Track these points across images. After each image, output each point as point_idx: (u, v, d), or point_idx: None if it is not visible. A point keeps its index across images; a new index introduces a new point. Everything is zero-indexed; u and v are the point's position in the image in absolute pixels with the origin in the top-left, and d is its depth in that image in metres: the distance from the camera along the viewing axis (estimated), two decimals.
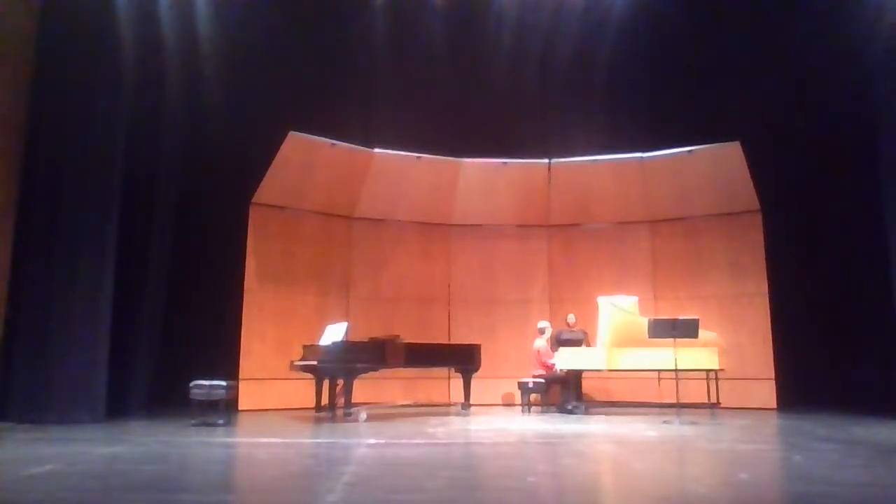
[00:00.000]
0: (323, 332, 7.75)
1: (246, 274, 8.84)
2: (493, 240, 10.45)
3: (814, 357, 8.59)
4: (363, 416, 7.18)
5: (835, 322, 8.57)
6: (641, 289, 9.50)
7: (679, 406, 7.15)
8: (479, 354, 8.45)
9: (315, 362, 7.38)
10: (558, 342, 8.97)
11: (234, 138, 8.32)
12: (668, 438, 5.80)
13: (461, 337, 9.64)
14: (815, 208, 9.00)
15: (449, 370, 9.31)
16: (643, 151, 9.66)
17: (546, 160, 10.04)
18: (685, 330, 7.07)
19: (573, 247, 10.37)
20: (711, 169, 9.32)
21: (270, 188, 9.06)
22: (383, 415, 7.89)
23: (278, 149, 8.77)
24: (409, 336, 7.97)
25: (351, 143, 9.41)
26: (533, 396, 8.67)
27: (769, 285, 9.09)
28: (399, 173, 9.84)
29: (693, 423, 6.87)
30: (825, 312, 8.66)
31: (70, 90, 6.98)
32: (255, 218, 9.06)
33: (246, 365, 8.58)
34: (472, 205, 10.30)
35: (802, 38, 8.07)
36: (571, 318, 9.32)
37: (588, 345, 8.98)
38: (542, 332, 8.89)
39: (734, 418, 7.48)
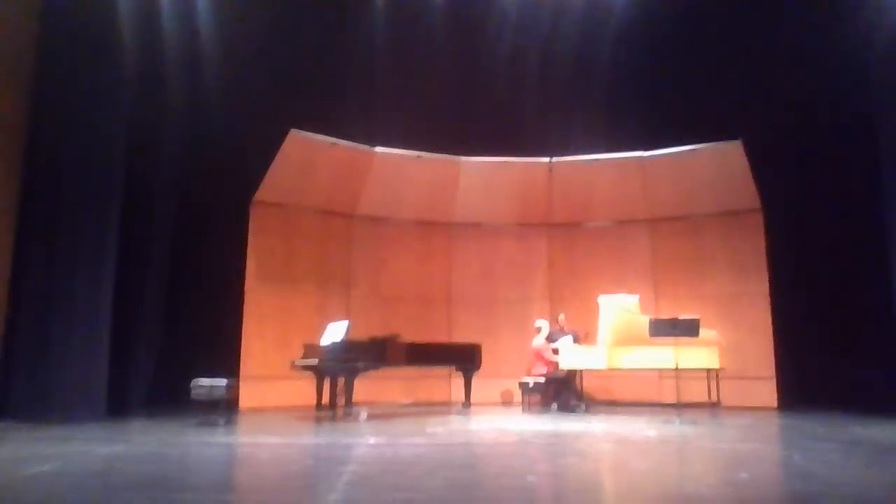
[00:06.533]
0: (324, 330, 7.75)
1: (247, 272, 8.85)
2: (493, 238, 10.45)
3: (814, 356, 8.55)
4: (364, 415, 7.18)
5: (835, 321, 8.55)
6: (642, 288, 9.50)
7: (680, 405, 7.15)
8: (480, 353, 8.45)
9: (316, 361, 7.38)
10: (550, 342, 8.93)
11: (234, 137, 8.32)
12: (668, 438, 5.80)
13: (461, 336, 9.64)
14: (816, 207, 8.96)
15: (449, 369, 9.32)
16: (644, 150, 9.66)
17: (547, 159, 10.04)
18: (686, 329, 7.08)
19: (574, 246, 10.36)
20: (712, 167, 9.32)
21: (271, 186, 9.06)
22: (384, 414, 7.89)
23: (279, 147, 8.79)
24: (410, 335, 7.98)
25: (352, 141, 9.42)
26: (533, 395, 8.66)
27: (770, 284, 9.09)
28: (400, 172, 9.84)
29: (693, 422, 6.87)
30: (826, 311, 8.64)
31: (71, 90, 6.98)
32: (255, 216, 9.06)
33: (247, 364, 8.58)
34: (472, 203, 10.29)
35: (803, 37, 8.05)
36: (562, 318, 9.30)
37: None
38: (539, 330, 8.89)
39: (735, 417, 7.48)
